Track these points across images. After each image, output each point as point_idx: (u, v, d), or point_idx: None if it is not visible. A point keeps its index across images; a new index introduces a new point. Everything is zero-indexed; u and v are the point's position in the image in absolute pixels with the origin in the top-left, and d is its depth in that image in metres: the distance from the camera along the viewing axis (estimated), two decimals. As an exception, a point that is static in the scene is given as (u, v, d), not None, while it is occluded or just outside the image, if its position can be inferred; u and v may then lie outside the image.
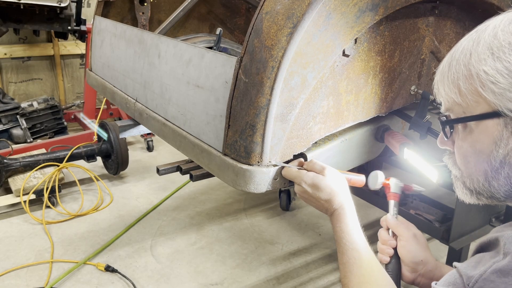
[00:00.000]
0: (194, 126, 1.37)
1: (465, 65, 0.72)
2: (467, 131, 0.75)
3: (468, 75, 0.71)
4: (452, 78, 0.74)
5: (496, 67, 0.68)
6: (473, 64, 0.71)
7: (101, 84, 2.15)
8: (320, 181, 1.06)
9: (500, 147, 0.70)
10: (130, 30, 1.85)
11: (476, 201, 0.79)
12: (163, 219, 2.83)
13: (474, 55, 0.71)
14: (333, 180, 1.06)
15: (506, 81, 0.67)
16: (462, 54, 0.73)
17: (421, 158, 1.38)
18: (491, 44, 0.69)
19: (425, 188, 1.27)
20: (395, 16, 1.28)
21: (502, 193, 0.74)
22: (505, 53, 0.67)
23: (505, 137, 0.69)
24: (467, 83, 0.72)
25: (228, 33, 2.69)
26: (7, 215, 2.81)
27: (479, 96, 0.70)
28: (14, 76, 4.28)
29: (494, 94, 0.68)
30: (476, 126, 0.73)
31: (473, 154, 0.75)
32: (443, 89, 0.77)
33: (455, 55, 0.75)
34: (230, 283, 2.25)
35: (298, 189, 1.11)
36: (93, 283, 2.20)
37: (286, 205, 2.95)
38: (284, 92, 1.10)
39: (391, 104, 1.43)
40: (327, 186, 1.05)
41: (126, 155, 3.20)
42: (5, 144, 3.32)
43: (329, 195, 1.05)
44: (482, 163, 0.74)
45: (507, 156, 0.70)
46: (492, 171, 0.72)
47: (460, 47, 0.75)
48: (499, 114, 0.69)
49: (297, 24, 1.05)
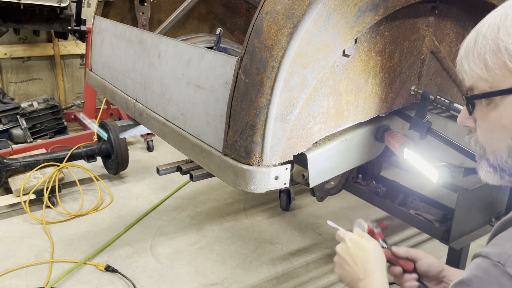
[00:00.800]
0: (194, 126, 1.37)
1: (493, 39, 0.71)
2: (491, 106, 0.74)
3: (496, 49, 0.71)
4: (478, 52, 0.74)
5: None
6: (501, 38, 0.70)
7: (101, 84, 2.15)
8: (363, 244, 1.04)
9: None
10: (130, 30, 1.85)
11: (499, 180, 0.78)
12: (163, 219, 2.83)
13: (502, 29, 0.70)
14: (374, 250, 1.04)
15: None
16: (489, 28, 0.73)
17: (421, 158, 1.38)
18: None
19: (425, 188, 1.28)
20: (395, 16, 1.28)
21: None
22: None
23: None
24: (495, 57, 0.71)
25: (228, 33, 2.69)
26: (7, 215, 2.81)
27: (507, 70, 0.70)
28: (14, 76, 4.28)
29: None
30: (501, 101, 0.72)
31: (497, 130, 0.74)
32: (468, 65, 0.76)
33: (482, 30, 0.74)
34: (230, 283, 2.25)
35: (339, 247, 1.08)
36: (93, 283, 2.20)
37: (286, 205, 2.95)
38: (284, 92, 1.10)
39: (391, 104, 1.43)
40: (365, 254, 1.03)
41: (126, 155, 3.20)
42: (5, 144, 3.32)
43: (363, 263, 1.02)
44: (506, 138, 0.73)
45: None
46: None
47: (486, 23, 0.74)
48: None
49: (297, 24, 1.05)
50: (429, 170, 1.40)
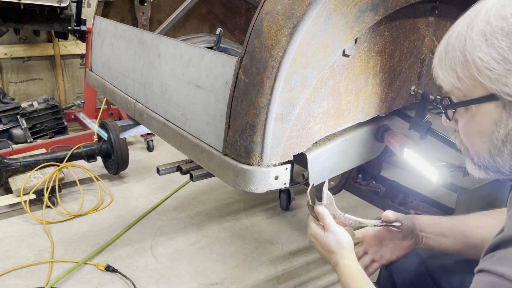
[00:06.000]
0: (194, 126, 1.37)
1: (461, 51, 0.74)
2: (469, 113, 0.77)
3: (465, 61, 0.73)
4: (449, 63, 0.76)
5: (490, 53, 0.69)
6: (468, 51, 0.72)
7: (101, 84, 2.15)
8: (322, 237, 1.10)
9: (501, 128, 0.73)
10: (130, 30, 1.85)
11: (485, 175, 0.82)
12: (163, 219, 2.83)
13: (469, 41, 0.72)
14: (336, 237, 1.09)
15: (500, 67, 0.69)
16: (457, 40, 0.75)
17: (421, 158, 1.38)
18: (484, 30, 0.70)
19: (425, 188, 1.28)
20: (395, 16, 1.28)
21: (507, 168, 0.77)
22: (498, 39, 0.69)
23: (504, 118, 0.72)
24: (464, 69, 0.74)
25: (228, 33, 2.69)
26: (7, 215, 2.81)
27: (476, 81, 0.73)
28: (14, 76, 4.28)
29: (490, 80, 0.70)
30: (477, 109, 0.75)
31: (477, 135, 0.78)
32: (442, 74, 0.79)
33: (451, 40, 0.77)
34: (230, 283, 2.25)
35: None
36: (93, 283, 2.21)
37: (286, 205, 2.95)
38: (284, 92, 1.10)
39: (391, 104, 1.43)
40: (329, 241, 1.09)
41: (126, 155, 3.20)
42: (5, 144, 3.32)
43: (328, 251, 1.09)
44: (485, 142, 0.76)
45: (508, 135, 0.73)
46: (495, 149, 0.75)
47: (455, 32, 0.76)
48: (497, 97, 0.71)
49: (297, 24, 1.05)
50: (429, 170, 1.40)
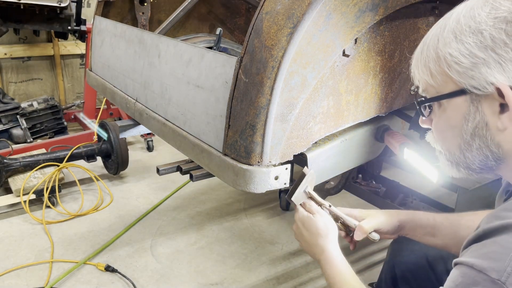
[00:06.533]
0: (194, 126, 1.37)
1: (434, 49, 0.80)
2: (442, 109, 0.83)
3: (437, 58, 0.79)
4: (424, 62, 0.82)
5: (459, 49, 0.75)
6: (440, 48, 0.78)
7: (101, 84, 2.15)
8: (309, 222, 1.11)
9: (469, 121, 0.77)
10: (130, 30, 1.85)
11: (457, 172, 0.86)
12: (163, 219, 2.83)
13: (441, 40, 0.79)
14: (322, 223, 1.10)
15: (467, 61, 0.74)
16: (432, 39, 0.81)
17: (421, 158, 1.38)
18: (455, 29, 0.77)
19: (425, 188, 1.29)
20: (395, 16, 1.28)
21: (477, 164, 0.81)
22: (466, 36, 0.75)
23: (472, 111, 0.76)
24: (436, 65, 0.79)
25: (228, 33, 2.69)
26: (7, 215, 2.81)
27: (447, 76, 0.78)
28: (14, 76, 4.28)
29: (459, 74, 0.76)
30: (448, 104, 0.80)
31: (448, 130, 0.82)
32: (418, 73, 0.85)
33: (426, 41, 0.83)
34: (230, 283, 2.25)
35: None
36: (93, 283, 2.21)
37: (286, 205, 2.95)
38: (284, 92, 1.10)
39: (391, 104, 1.43)
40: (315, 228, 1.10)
41: (126, 155, 3.20)
42: (5, 144, 3.32)
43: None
44: (456, 137, 0.81)
45: (475, 129, 0.77)
46: (465, 143, 0.80)
47: (430, 33, 0.83)
48: (465, 92, 0.76)
49: (297, 24, 1.05)
50: (429, 170, 1.40)
